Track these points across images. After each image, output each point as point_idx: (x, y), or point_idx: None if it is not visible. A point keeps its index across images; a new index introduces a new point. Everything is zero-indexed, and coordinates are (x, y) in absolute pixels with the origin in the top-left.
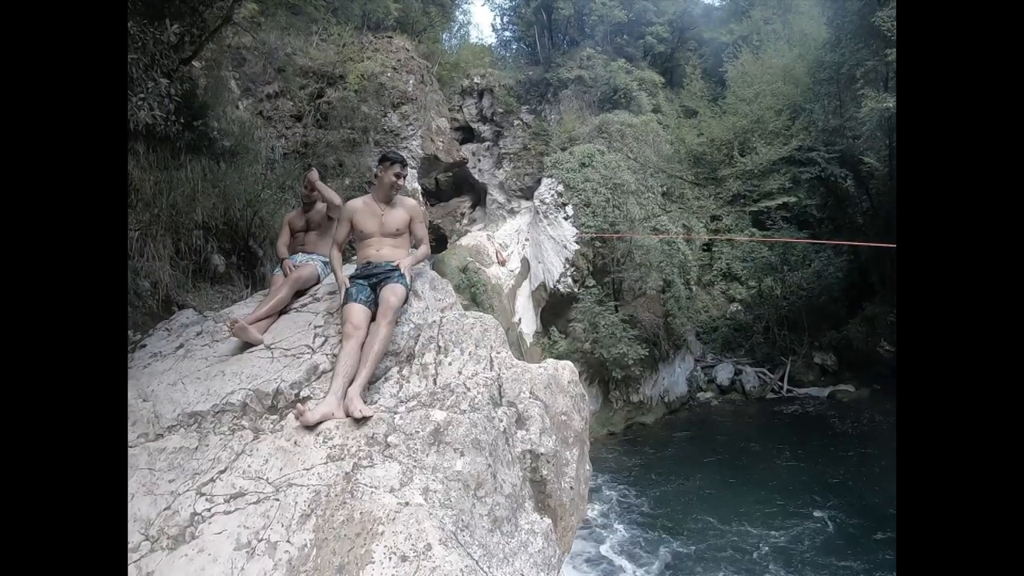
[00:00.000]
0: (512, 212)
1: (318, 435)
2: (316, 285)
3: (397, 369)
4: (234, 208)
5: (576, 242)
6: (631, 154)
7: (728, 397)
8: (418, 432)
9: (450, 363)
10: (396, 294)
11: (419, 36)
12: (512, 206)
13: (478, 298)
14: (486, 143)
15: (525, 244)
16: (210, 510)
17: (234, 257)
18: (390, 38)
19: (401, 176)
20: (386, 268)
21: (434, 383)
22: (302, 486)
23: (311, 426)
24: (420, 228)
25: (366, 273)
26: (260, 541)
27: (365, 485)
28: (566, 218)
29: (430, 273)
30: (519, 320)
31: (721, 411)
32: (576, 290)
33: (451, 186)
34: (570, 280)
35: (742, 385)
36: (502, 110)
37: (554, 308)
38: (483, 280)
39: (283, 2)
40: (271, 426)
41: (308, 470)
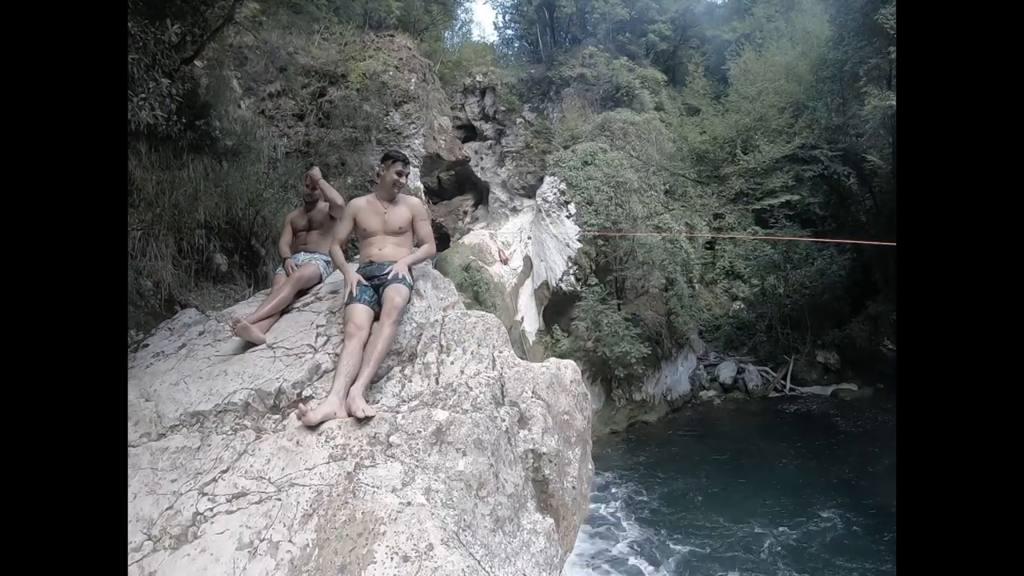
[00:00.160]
0: (514, 210)
1: (320, 435)
2: (318, 284)
3: (399, 368)
4: (236, 207)
5: (579, 240)
6: (633, 152)
7: (731, 396)
8: (420, 432)
9: (452, 362)
10: (400, 294)
11: (421, 35)
12: (514, 204)
13: (481, 296)
14: (488, 141)
15: (527, 242)
16: (212, 510)
17: (236, 256)
18: (392, 37)
19: (403, 175)
20: (389, 267)
21: (436, 382)
22: (304, 486)
23: (313, 426)
24: (423, 226)
25: (369, 274)
26: (262, 541)
27: (367, 485)
28: (568, 216)
29: (432, 272)
30: (522, 318)
31: (724, 410)
32: (579, 288)
33: (453, 184)
34: (573, 278)
35: (745, 384)
36: (504, 108)
37: (557, 306)
38: (485, 279)
39: (285, 1)
40: (273, 426)
41: (310, 470)
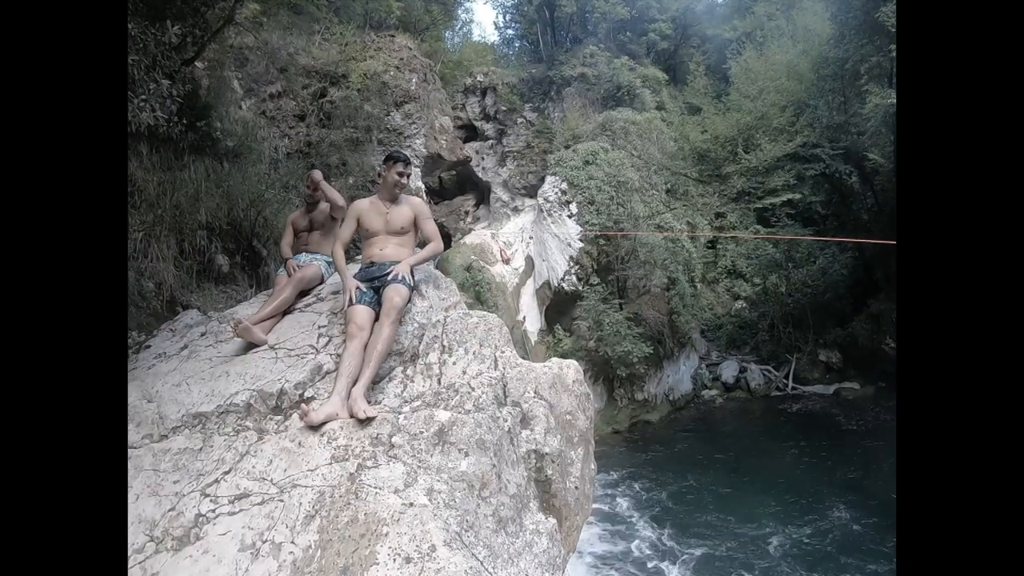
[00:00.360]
0: (516, 210)
1: (322, 436)
2: (320, 285)
3: (401, 369)
4: (238, 208)
5: (580, 240)
6: (635, 151)
7: (733, 395)
8: (422, 432)
9: (454, 363)
10: (400, 294)
11: (422, 35)
12: (516, 204)
13: (482, 296)
14: (489, 141)
15: (529, 242)
16: (214, 511)
17: (238, 257)
18: (392, 37)
19: (405, 175)
20: (390, 268)
21: (438, 383)
22: (306, 487)
23: (315, 426)
24: (427, 224)
25: (370, 275)
26: (264, 542)
27: (369, 486)
28: (570, 216)
29: (434, 272)
30: (523, 318)
31: (726, 409)
32: (580, 288)
33: (455, 184)
34: (574, 278)
35: (747, 383)
36: (505, 108)
37: (558, 306)
38: (487, 278)
39: (285, 2)
40: (275, 427)
41: (312, 471)
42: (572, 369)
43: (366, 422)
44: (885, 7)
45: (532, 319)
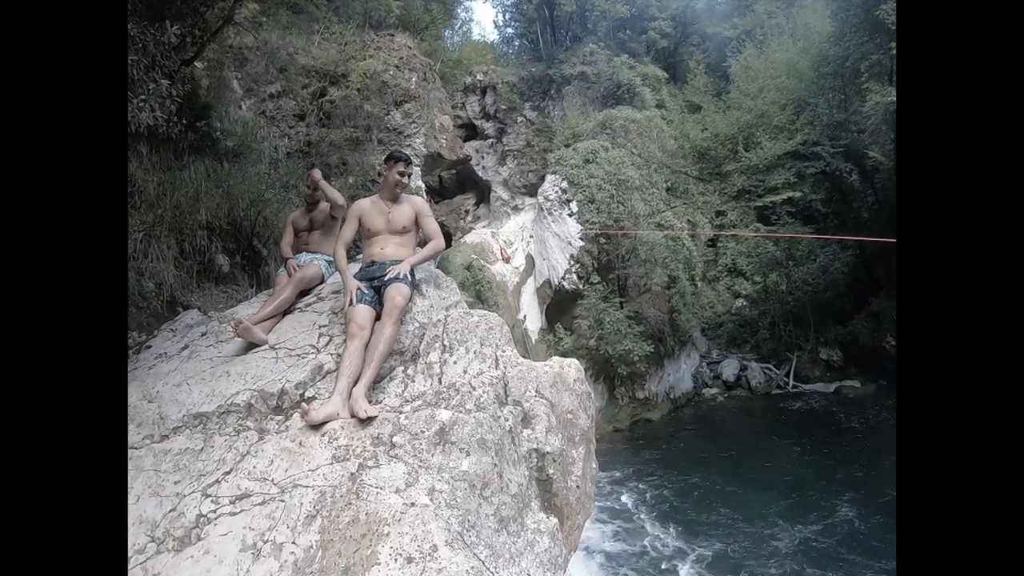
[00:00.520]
0: (516, 209)
1: (323, 436)
2: (320, 284)
3: (402, 368)
4: (238, 208)
5: (581, 239)
6: (635, 150)
7: (734, 393)
8: (423, 432)
9: (455, 362)
10: (401, 293)
11: (421, 34)
12: (516, 203)
13: (483, 295)
14: (489, 140)
15: (529, 241)
16: (215, 511)
17: (238, 257)
18: (392, 36)
19: (405, 174)
20: (390, 267)
21: (439, 382)
22: (307, 487)
23: (316, 426)
24: (428, 223)
25: (370, 275)
26: (266, 542)
27: (371, 486)
28: (570, 215)
29: (435, 271)
30: (524, 317)
31: (727, 407)
32: (581, 287)
33: (455, 183)
34: (575, 277)
35: (748, 381)
36: (505, 107)
37: (559, 305)
38: (488, 277)
39: (284, 1)
40: (276, 427)
41: (313, 471)
42: (573, 368)
43: (367, 422)
44: (885, 5)
45: (533, 318)
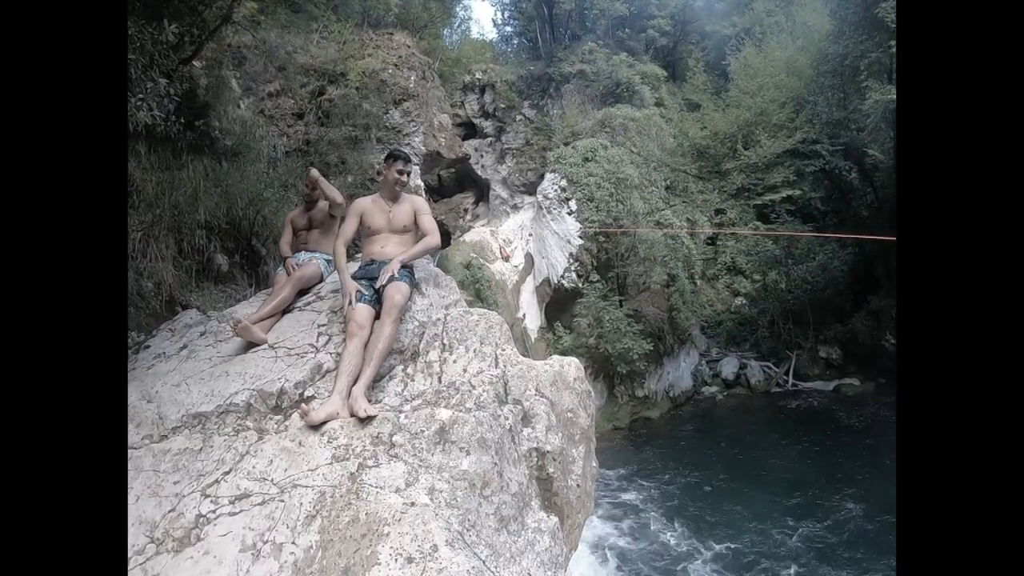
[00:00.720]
0: (515, 207)
1: (323, 435)
2: (319, 283)
3: (402, 367)
4: (236, 207)
5: (580, 237)
6: (634, 148)
7: (733, 391)
8: (423, 431)
9: (455, 361)
10: (401, 291)
11: (420, 32)
12: (515, 201)
13: (482, 294)
14: (488, 139)
15: (529, 239)
16: (215, 512)
17: (237, 256)
18: (391, 35)
19: (405, 172)
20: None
21: (439, 381)
22: (307, 487)
23: (316, 426)
24: (425, 220)
25: (370, 274)
26: (265, 543)
27: (370, 485)
28: (569, 213)
29: (434, 270)
30: (523, 316)
31: (726, 406)
32: (580, 285)
33: (454, 182)
34: (574, 275)
35: (747, 379)
36: (504, 105)
37: (558, 303)
38: (487, 276)
39: (282, 0)
40: (275, 426)
41: (313, 471)
42: (573, 367)
43: (367, 421)
44: (885, 3)
45: (532, 316)
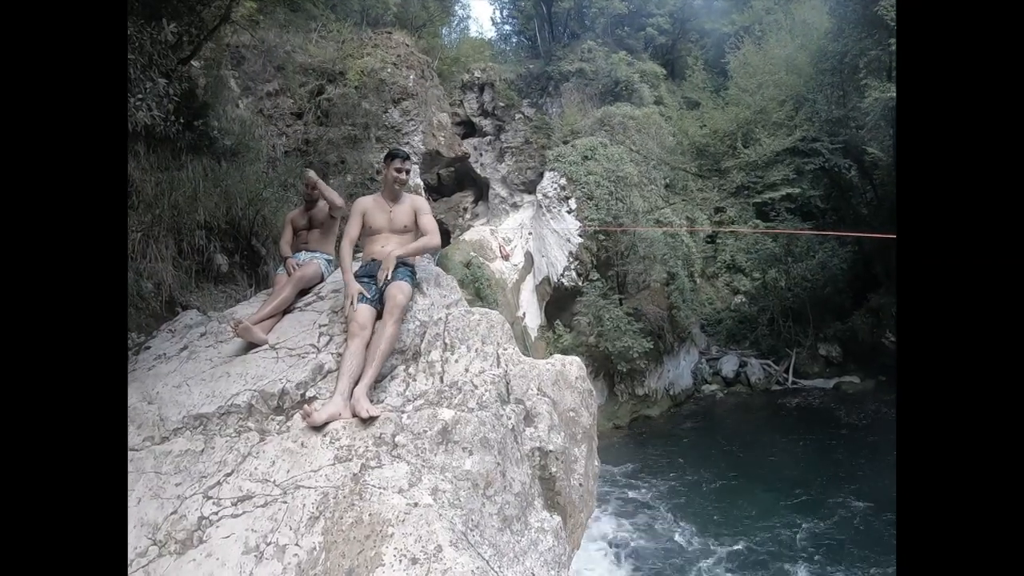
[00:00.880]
0: (515, 206)
1: (325, 436)
2: (320, 283)
3: (403, 367)
4: (236, 207)
5: (579, 235)
6: (634, 147)
7: (733, 389)
8: (426, 431)
9: (457, 360)
10: (403, 291)
11: (418, 31)
12: (515, 200)
13: (482, 293)
14: (488, 137)
15: (528, 238)
16: (217, 514)
17: (237, 256)
18: (389, 34)
19: (403, 170)
20: (380, 271)
21: (441, 381)
22: (310, 488)
23: (318, 427)
24: (425, 219)
25: (371, 272)
26: (268, 545)
27: (373, 486)
28: (569, 211)
29: (435, 269)
30: (523, 314)
31: (726, 404)
32: (580, 284)
33: (453, 181)
34: (574, 274)
35: (747, 377)
36: (503, 104)
37: (558, 302)
38: (487, 275)
39: None
40: (277, 427)
41: (315, 472)
42: (575, 366)
43: (369, 422)
44: (883, 1)
45: (532, 315)
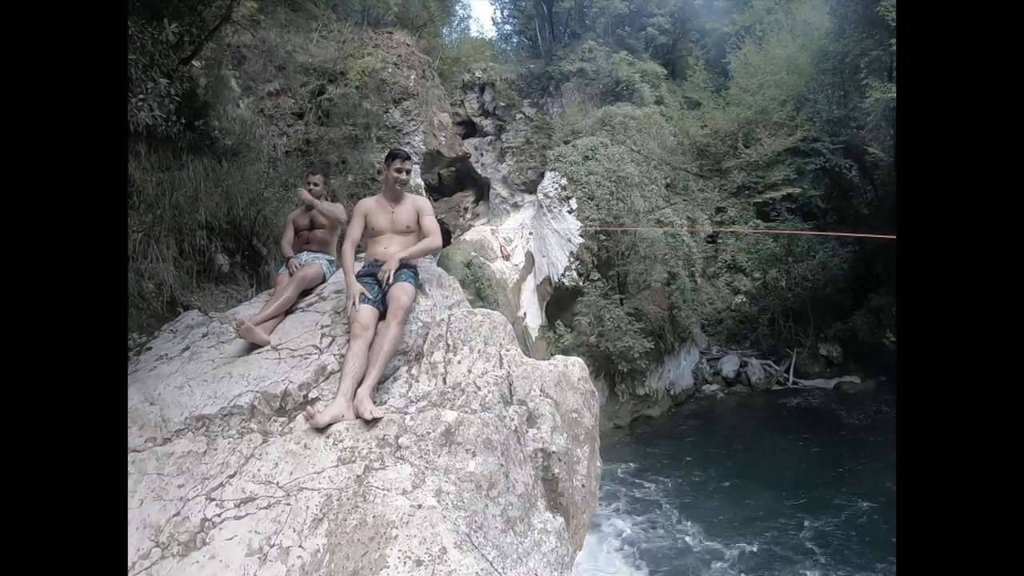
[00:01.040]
0: (516, 206)
1: (328, 437)
2: (322, 284)
3: (406, 368)
4: (237, 207)
5: (580, 235)
6: (634, 146)
7: (733, 389)
8: (429, 433)
9: (459, 361)
10: (407, 292)
11: (419, 31)
12: (515, 200)
13: (483, 293)
14: (488, 137)
15: (529, 238)
16: (220, 515)
17: (238, 257)
18: (390, 34)
19: (403, 170)
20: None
21: (444, 382)
22: (313, 490)
23: (321, 428)
24: (427, 220)
25: (373, 273)
26: (272, 547)
27: (377, 488)
28: (570, 211)
29: (437, 270)
30: (524, 314)
31: (727, 403)
32: (581, 284)
33: (454, 181)
34: (575, 274)
35: (747, 377)
36: (504, 104)
37: (559, 302)
38: (488, 275)
39: None
40: (280, 429)
41: (319, 473)
42: (577, 366)
43: (372, 423)
44: (884, 1)
45: (533, 315)
